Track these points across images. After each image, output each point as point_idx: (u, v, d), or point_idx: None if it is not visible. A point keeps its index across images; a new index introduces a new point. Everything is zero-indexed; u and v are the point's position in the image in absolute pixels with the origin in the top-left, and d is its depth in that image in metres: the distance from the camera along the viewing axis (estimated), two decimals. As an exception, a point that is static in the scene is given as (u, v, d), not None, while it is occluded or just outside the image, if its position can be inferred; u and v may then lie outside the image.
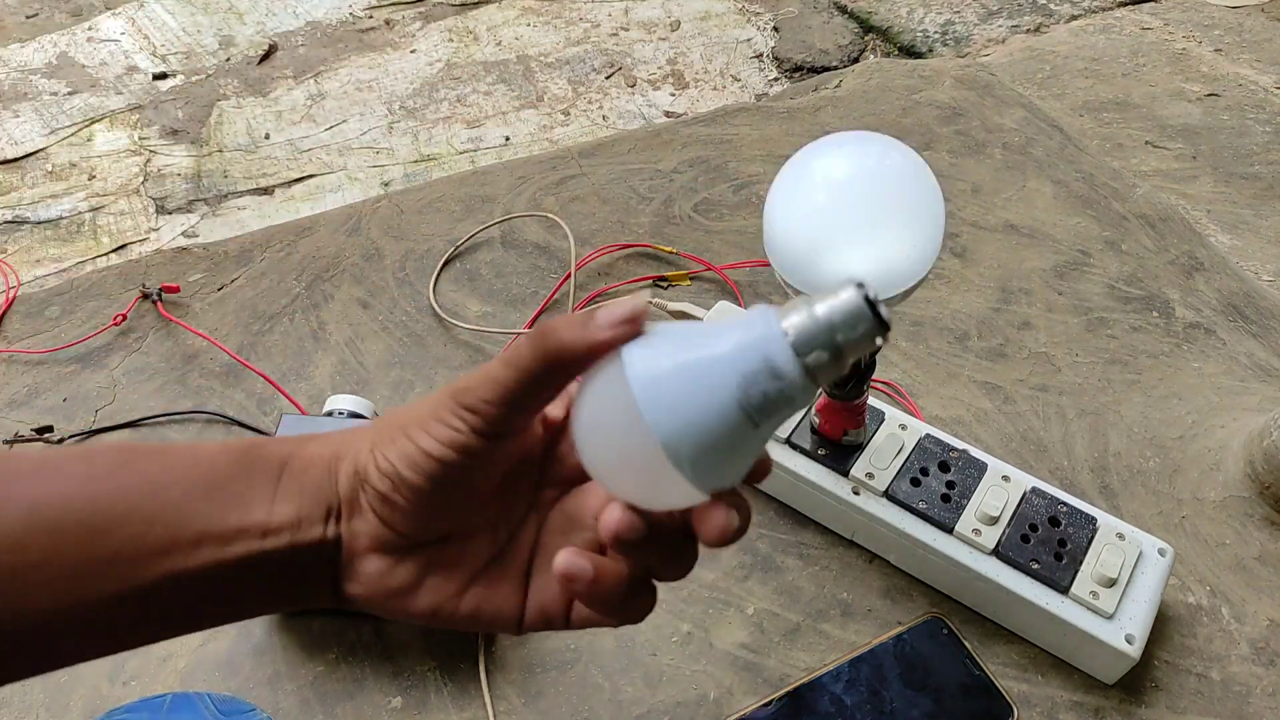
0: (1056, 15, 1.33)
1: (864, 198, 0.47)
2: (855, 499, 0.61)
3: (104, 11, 1.35)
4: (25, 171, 1.09)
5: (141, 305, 0.81)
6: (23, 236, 1.00)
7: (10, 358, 0.78)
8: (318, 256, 0.86)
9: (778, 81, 1.24)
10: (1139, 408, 0.73)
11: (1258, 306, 0.82)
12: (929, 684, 0.57)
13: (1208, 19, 1.28)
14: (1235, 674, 0.59)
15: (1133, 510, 0.67)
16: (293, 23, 1.34)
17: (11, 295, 0.83)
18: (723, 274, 0.83)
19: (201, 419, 0.73)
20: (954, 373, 0.76)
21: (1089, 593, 0.55)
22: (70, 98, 1.20)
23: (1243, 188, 0.99)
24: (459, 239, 0.86)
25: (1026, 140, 0.98)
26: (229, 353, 0.76)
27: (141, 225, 1.02)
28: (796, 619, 0.61)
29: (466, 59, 1.27)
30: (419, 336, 0.79)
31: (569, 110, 1.19)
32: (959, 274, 0.84)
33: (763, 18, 1.36)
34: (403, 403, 0.73)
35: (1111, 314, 0.80)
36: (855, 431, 0.62)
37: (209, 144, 1.13)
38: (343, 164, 1.11)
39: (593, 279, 0.83)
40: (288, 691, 0.58)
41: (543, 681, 0.58)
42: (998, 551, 0.58)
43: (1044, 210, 0.90)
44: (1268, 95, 1.12)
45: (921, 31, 1.32)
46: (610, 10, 1.37)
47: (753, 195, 0.91)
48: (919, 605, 0.62)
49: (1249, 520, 0.66)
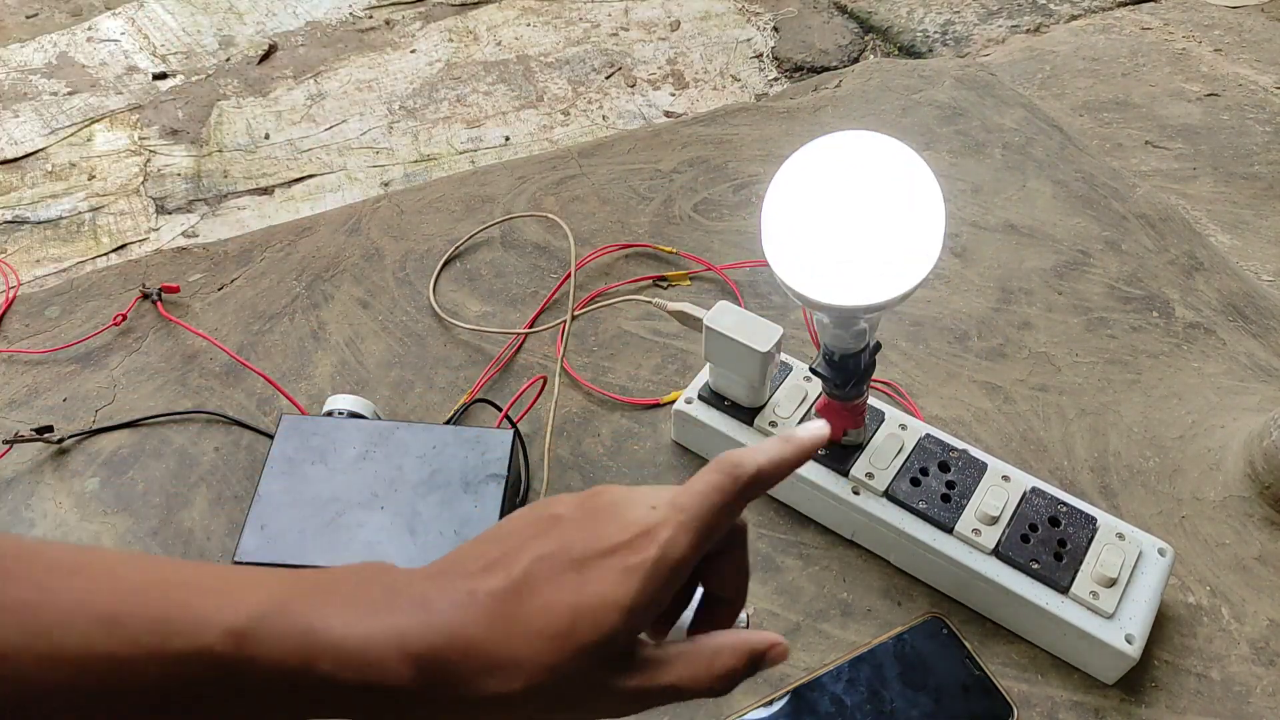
0: (1056, 15, 1.33)
1: (863, 198, 0.47)
2: (855, 499, 0.61)
3: (104, 11, 1.35)
4: (25, 171, 1.09)
5: (141, 305, 0.81)
6: (23, 236, 1.00)
7: (10, 358, 0.78)
8: (318, 256, 0.86)
9: (778, 81, 1.24)
10: (1139, 408, 0.73)
11: (1258, 306, 0.82)
12: (929, 684, 0.57)
13: (1208, 19, 1.28)
14: (1235, 674, 0.59)
15: (1133, 510, 0.67)
16: (293, 23, 1.34)
17: (11, 295, 0.83)
18: (723, 274, 0.83)
19: (201, 419, 0.73)
20: (954, 373, 0.76)
21: (1089, 593, 0.55)
22: (70, 98, 1.20)
23: (1243, 188, 0.99)
24: (459, 239, 0.86)
25: (1026, 140, 0.98)
26: (229, 353, 0.76)
27: (141, 225, 1.02)
28: (796, 619, 0.61)
29: (466, 59, 1.27)
30: (419, 336, 0.79)
31: (569, 110, 1.19)
32: (959, 274, 0.84)
33: (763, 18, 1.36)
34: (402, 402, 0.74)
35: (1111, 314, 0.80)
36: (855, 431, 0.62)
37: (209, 144, 1.13)
38: (343, 164, 1.11)
39: (593, 279, 0.83)
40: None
41: (543, 681, 0.58)
42: (998, 551, 0.58)
43: (1044, 210, 0.90)
44: (1268, 95, 1.12)
45: (921, 31, 1.32)
46: (610, 10, 1.37)
47: (753, 195, 0.91)
48: (919, 605, 0.62)
49: (1249, 520, 0.66)
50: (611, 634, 0.29)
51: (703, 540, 0.31)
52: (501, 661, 0.29)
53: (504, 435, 0.64)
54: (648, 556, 0.30)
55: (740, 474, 0.32)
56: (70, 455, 0.71)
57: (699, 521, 0.31)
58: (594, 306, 0.80)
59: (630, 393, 0.74)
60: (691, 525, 0.31)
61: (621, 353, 0.77)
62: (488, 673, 0.29)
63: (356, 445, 0.63)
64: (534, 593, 0.29)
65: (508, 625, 0.29)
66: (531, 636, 0.29)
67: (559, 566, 0.30)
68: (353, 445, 0.63)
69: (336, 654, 0.28)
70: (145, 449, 0.71)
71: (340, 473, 0.61)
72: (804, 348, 0.77)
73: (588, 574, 0.30)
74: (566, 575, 0.30)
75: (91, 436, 0.72)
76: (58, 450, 0.71)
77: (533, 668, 0.29)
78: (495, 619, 0.29)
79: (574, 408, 0.73)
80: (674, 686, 0.31)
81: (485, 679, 0.29)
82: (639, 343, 0.78)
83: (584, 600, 0.29)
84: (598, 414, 0.73)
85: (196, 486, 0.69)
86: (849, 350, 0.55)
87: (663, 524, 0.30)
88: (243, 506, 0.67)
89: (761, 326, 0.61)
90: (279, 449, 0.63)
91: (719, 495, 0.31)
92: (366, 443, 0.63)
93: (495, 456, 0.62)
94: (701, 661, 0.31)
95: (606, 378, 0.75)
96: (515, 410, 0.70)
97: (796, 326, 0.78)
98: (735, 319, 0.61)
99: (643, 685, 0.30)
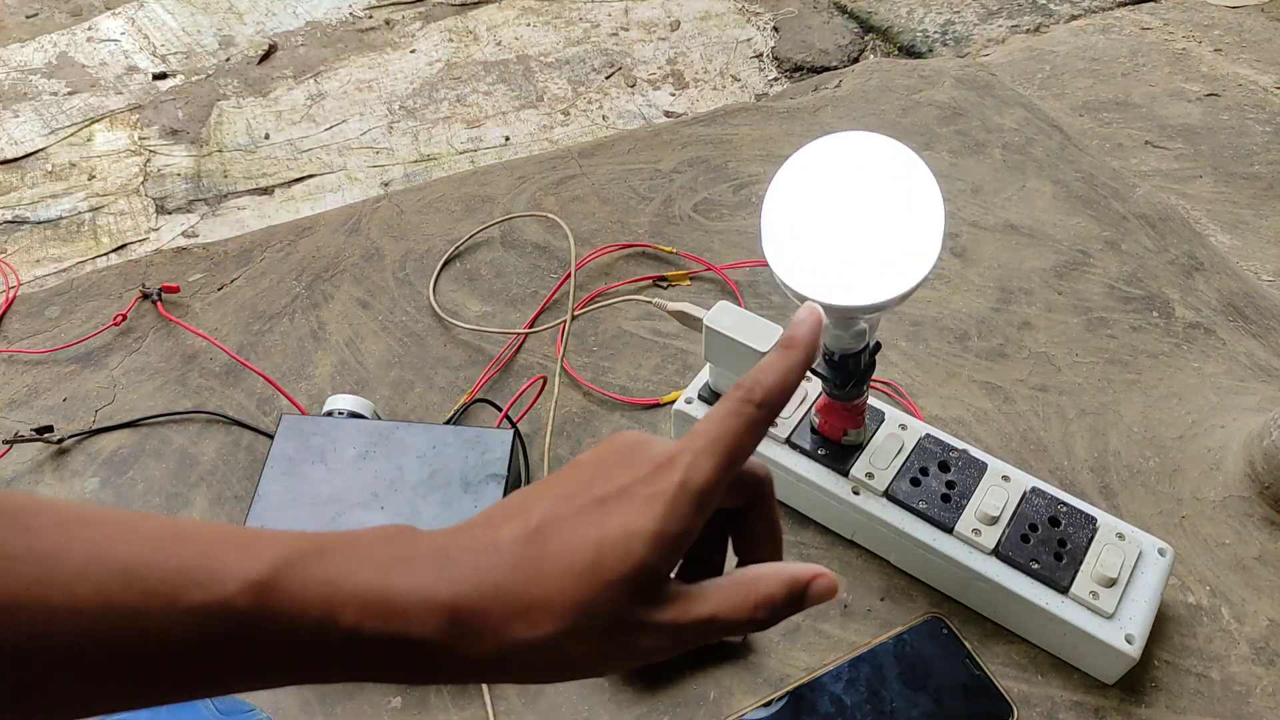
0: (1056, 15, 1.33)
1: (863, 198, 0.47)
2: (855, 499, 0.61)
3: (104, 11, 1.35)
4: (25, 171, 1.09)
5: (141, 305, 0.81)
6: (23, 236, 1.00)
7: (10, 358, 0.78)
8: (318, 256, 0.86)
9: (777, 81, 1.24)
10: (1139, 408, 0.73)
11: (1258, 306, 0.82)
12: (929, 684, 0.57)
13: (1208, 19, 1.28)
14: (1235, 674, 0.59)
15: (1133, 510, 0.67)
16: (293, 23, 1.34)
17: (11, 295, 0.83)
18: (723, 274, 0.83)
19: (201, 419, 0.73)
20: (954, 373, 0.76)
21: (1089, 593, 0.55)
22: (70, 98, 1.20)
23: (1243, 188, 0.99)
24: (459, 239, 0.86)
25: (1026, 140, 0.98)
26: (229, 353, 0.76)
27: (141, 225, 1.02)
28: (796, 619, 0.61)
29: (466, 59, 1.27)
30: (419, 336, 0.79)
31: (569, 110, 1.19)
32: (959, 274, 0.84)
33: (763, 18, 1.36)
34: (402, 402, 0.74)
35: (1111, 314, 0.80)
36: (855, 431, 0.62)
37: (209, 144, 1.13)
38: (343, 164, 1.11)
39: (593, 279, 0.83)
40: (287, 691, 0.58)
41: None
42: (998, 551, 0.58)
43: (1044, 210, 0.90)
44: (1268, 95, 1.12)
45: (921, 31, 1.32)
46: (610, 10, 1.37)
47: (752, 195, 0.91)
48: (919, 605, 0.62)
49: (1249, 520, 0.66)
50: (640, 565, 0.28)
51: (727, 463, 0.30)
52: (530, 604, 0.28)
53: (504, 435, 0.64)
54: (671, 482, 0.29)
55: (752, 394, 0.31)
56: (70, 455, 0.71)
57: (719, 444, 0.30)
58: (594, 306, 0.80)
59: (630, 393, 0.74)
60: (712, 449, 0.30)
61: (621, 353, 0.77)
62: (517, 618, 0.28)
63: (356, 445, 0.63)
64: (557, 533, 0.29)
65: (534, 567, 0.28)
66: (558, 576, 0.28)
67: (580, 506, 0.29)
68: (353, 445, 0.63)
69: (362, 605, 0.27)
70: (145, 449, 0.71)
71: (340, 473, 0.61)
72: (804, 348, 0.77)
73: (609, 508, 0.29)
74: (588, 512, 0.29)
75: (91, 436, 0.72)
76: (58, 450, 0.71)
77: (563, 607, 0.28)
78: (520, 563, 0.28)
79: (574, 408, 0.73)
80: (711, 617, 0.29)
81: (515, 624, 0.28)
82: (639, 343, 0.78)
83: (608, 533, 0.28)
84: (598, 414, 0.73)
85: (196, 486, 0.69)
86: (849, 350, 0.55)
87: (683, 451, 0.30)
88: (243, 506, 0.67)
89: (761, 326, 0.61)
90: (279, 449, 0.63)
91: (735, 419, 0.31)
92: (366, 443, 0.63)
93: (495, 456, 0.62)
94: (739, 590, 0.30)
95: (606, 378, 0.75)
96: (515, 410, 0.70)
97: (796, 326, 0.78)
98: (735, 319, 0.61)
99: (678, 619, 0.29)
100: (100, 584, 0.25)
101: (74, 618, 0.25)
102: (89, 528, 0.27)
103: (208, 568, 0.26)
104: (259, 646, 0.27)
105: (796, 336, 0.33)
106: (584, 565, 0.28)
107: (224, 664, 0.27)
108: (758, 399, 0.31)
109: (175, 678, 0.27)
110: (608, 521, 0.28)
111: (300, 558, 0.27)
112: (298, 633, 0.27)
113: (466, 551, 0.29)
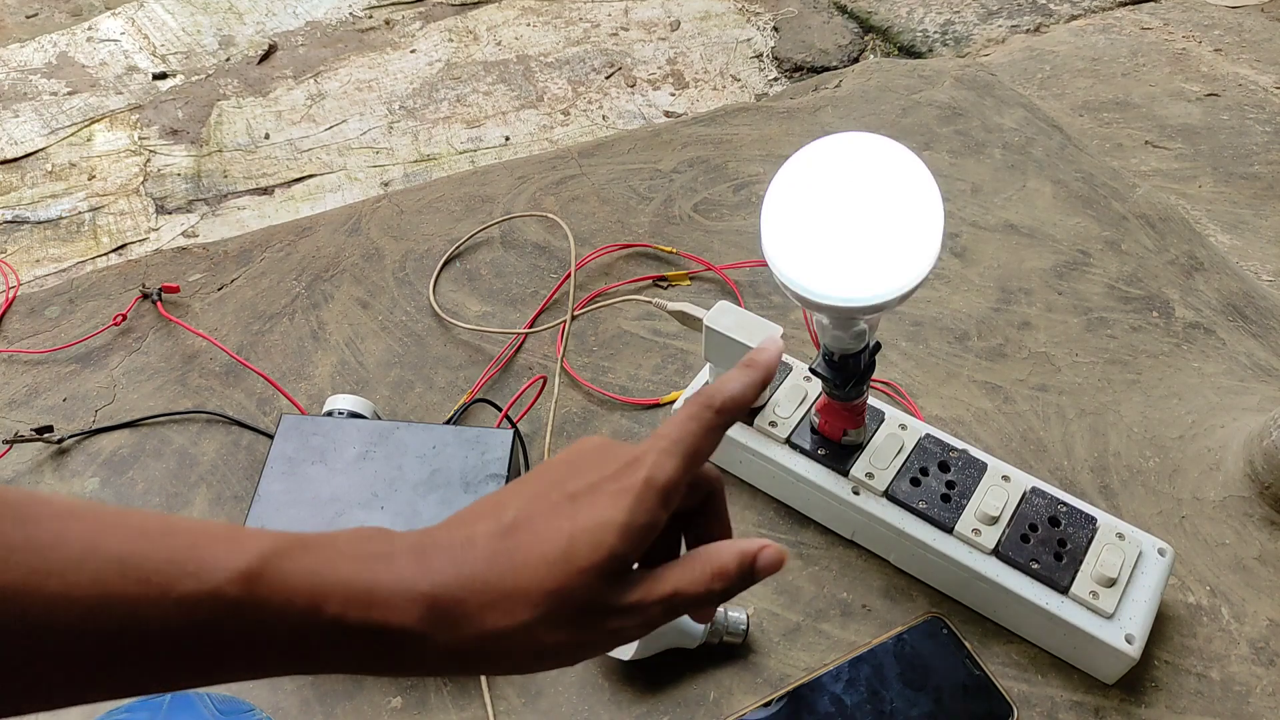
0: (1056, 15, 1.33)
1: (863, 198, 0.47)
2: (855, 499, 0.61)
3: (104, 11, 1.35)
4: (25, 171, 1.09)
5: (141, 305, 0.81)
6: (23, 236, 1.00)
7: (10, 358, 0.78)
8: (318, 256, 0.86)
9: (777, 81, 1.24)
10: (1139, 408, 0.73)
11: (1258, 306, 0.82)
12: (929, 684, 0.57)
13: (1208, 19, 1.28)
14: (1235, 674, 0.59)
15: (1133, 510, 0.67)
16: (293, 23, 1.34)
17: (11, 295, 0.83)
18: (723, 274, 0.83)
19: (201, 419, 0.73)
20: (954, 373, 0.76)
21: (1089, 593, 0.55)
22: (70, 98, 1.20)
23: (1243, 188, 0.99)
24: (459, 239, 0.86)
25: (1026, 140, 0.98)
26: (229, 353, 0.76)
27: (141, 225, 1.02)
28: (796, 619, 0.61)
29: (466, 59, 1.27)
30: (419, 336, 0.79)
31: (569, 110, 1.19)
32: (959, 274, 0.84)
33: (763, 18, 1.36)
34: (402, 402, 0.74)
35: (1111, 314, 0.80)
36: (855, 431, 0.62)
37: (209, 144, 1.13)
38: (343, 164, 1.11)
39: (593, 279, 0.83)
40: (287, 691, 0.58)
41: (542, 681, 0.58)
42: (998, 551, 0.58)
43: (1044, 210, 0.90)
44: (1267, 95, 1.12)
45: (921, 31, 1.32)
46: (610, 10, 1.37)
47: (752, 195, 0.91)
48: (919, 605, 0.62)
49: (1249, 520, 0.66)
50: (610, 553, 0.30)
51: (688, 463, 0.33)
52: (507, 593, 0.30)
53: (504, 435, 0.64)
54: (637, 478, 0.31)
55: (712, 401, 0.34)
56: (70, 455, 0.71)
57: (681, 445, 0.33)
58: (594, 306, 0.80)
59: (630, 393, 0.74)
60: (674, 449, 0.32)
61: (621, 353, 0.77)
62: (494, 606, 0.29)
63: (356, 445, 0.63)
64: (530, 527, 0.31)
65: (509, 559, 0.30)
66: (533, 565, 0.30)
67: (553, 502, 0.31)
68: (353, 445, 0.63)
69: (345, 595, 0.28)
70: (145, 449, 0.71)
71: (340, 473, 0.61)
72: (804, 348, 0.77)
73: (580, 503, 0.31)
74: (560, 507, 0.31)
75: (91, 436, 0.72)
76: (58, 450, 0.71)
77: (537, 595, 0.30)
78: (496, 555, 0.30)
79: (574, 408, 0.73)
80: (674, 593, 0.32)
81: (492, 613, 0.29)
82: (639, 343, 0.78)
83: (580, 525, 0.30)
84: (598, 414, 0.73)
85: (196, 486, 0.69)
86: (849, 350, 0.55)
87: (647, 451, 0.32)
88: (243, 506, 0.67)
89: (761, 326, 0.61)
90: (279, 449, 0.63)
91: (696, 423, 0.33)
92: (366, 443, 0.63)
93: (495, 456, 0.62)
94: (695, 566, 0.33)
95: (606, 378, 0.75)
96: (515, 410, 0.70)
97: (796, 326, 0.78)
98: (735, 319, 0.61)
99: (644, 599, 0.31)
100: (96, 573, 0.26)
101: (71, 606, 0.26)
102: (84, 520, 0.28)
103: (198, 558, 0.28)
104: (248, 635, 0.28)
105: (758, 360, 0.37)
106: (557, 555, 0.30)
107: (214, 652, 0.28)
108: (717, 405, 0.34)
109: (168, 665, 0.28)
110: (579, 515, 0.31)
111: (285, 550, 0.29)
112: (285, 621, 0.28)
113: (444, 547, 0.31)
